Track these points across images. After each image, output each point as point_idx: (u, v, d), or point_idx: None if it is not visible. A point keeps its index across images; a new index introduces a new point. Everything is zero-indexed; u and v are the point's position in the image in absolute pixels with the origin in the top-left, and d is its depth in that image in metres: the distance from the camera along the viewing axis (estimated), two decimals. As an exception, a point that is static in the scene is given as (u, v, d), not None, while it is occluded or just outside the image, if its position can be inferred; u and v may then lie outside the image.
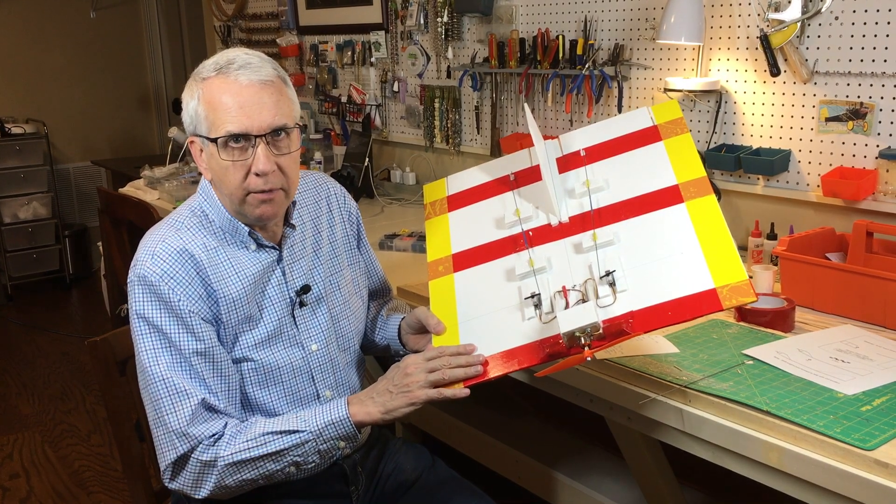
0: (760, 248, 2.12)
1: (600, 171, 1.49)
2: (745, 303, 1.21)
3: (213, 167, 1.37)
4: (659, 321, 1.24)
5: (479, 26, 3.03)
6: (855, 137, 2.03)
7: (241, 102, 1.31)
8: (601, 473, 2.05)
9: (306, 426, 1.33)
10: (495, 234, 1.53)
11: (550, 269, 1.41)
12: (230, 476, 1.33)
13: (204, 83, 1.34)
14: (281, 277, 1.45)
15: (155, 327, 1.32)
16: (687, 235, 1.31)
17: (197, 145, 1.38)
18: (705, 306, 1.22)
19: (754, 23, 2.18)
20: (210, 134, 1.33)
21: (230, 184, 1.35)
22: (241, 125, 1.31)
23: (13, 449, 3.22)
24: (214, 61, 1.35)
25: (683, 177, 1.40)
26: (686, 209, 1.35)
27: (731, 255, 1.26)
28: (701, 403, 1.36)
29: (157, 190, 3.52)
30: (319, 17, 3.90)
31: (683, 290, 1.25)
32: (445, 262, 1.55)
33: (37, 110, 5.36)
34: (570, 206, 1.47)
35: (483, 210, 1.59)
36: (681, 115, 1.51)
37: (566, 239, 1.43)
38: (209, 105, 1.32)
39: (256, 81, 1.32)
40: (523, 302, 1.39)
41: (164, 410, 1.32)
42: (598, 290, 1.31)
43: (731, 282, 1.22)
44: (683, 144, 1.45)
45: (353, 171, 3.32)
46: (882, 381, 1.37)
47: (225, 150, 1.32)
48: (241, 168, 1.33)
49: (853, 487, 1.16)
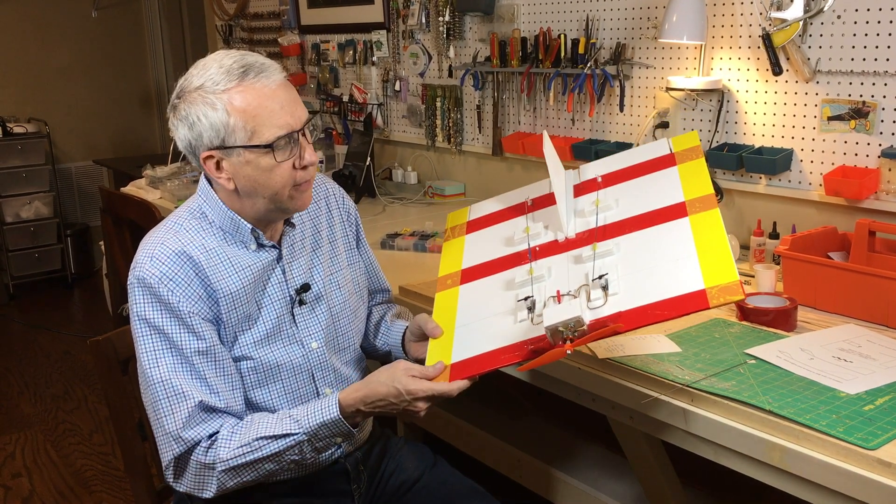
0: (763, 248, 2.12)
1: (612, 193, 1.52)
2: (731, 301, 1.21)
3: (249, 174, 1.34)
4: (646, 319, 1.24)
5: (481, 25, 3.03)
6: (857, 136, 2.03)
7: (280, 104, 1.33)
8: (603, 473, 2.05)
9: (299, 427, 1.33)
10: (504, 251, 1.57)
11: (549, 278, 1.42)
12: (230, 479, 1.34)
13: (228, 94, 1.30)
14: (281, 276, 1.46)
15: (155, 329, 1.33)
16: (685, 244, 1.32)
17: (216, 158, 1.35)
18: (693, 305, 1.22)
19: (756, 22, 2.18)
20: (254, 141, 1.31)
21: (277, 184, 1.35)
22: (288, 125, 1.33)
23: (15, 448, 3.23)
24: (223, 70, 1.31)
25: (691, 195, 1.41)
26: (689, 222, 1.36)
27: (725, 257, 1.25)
28: (703, 403, 1.36)
29: (158, 189, 3.52)
30: (321, 17, 3.90)
31: (674, 292, 1.25)
32: (454, 277, 1.60)
33: (38, 109, 5.36)
34: (578, 224, 1.50)
35: (497, 232, 1.64)
36: (698, 143, 1.52)
37: (568, 252, 1.45)
38: (246, 114, 1.30)
39: (281, 81, 1.34)
40: (517, 305, 1.40)
41: (162, 413, 1.32)
42: (591, 293, 1.32)
43: (722, 282, 1.22)
44: (697, 168, 1.46)
45: (355, 170, 3.32)
46: (885, 380, 1.37)
47: (280, 152, 1.33)
48: (289, 165, 1.35)
49: (856, 487, 1.16)
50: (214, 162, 1.35)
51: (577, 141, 2.71)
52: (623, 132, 2.61)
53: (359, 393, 1.35)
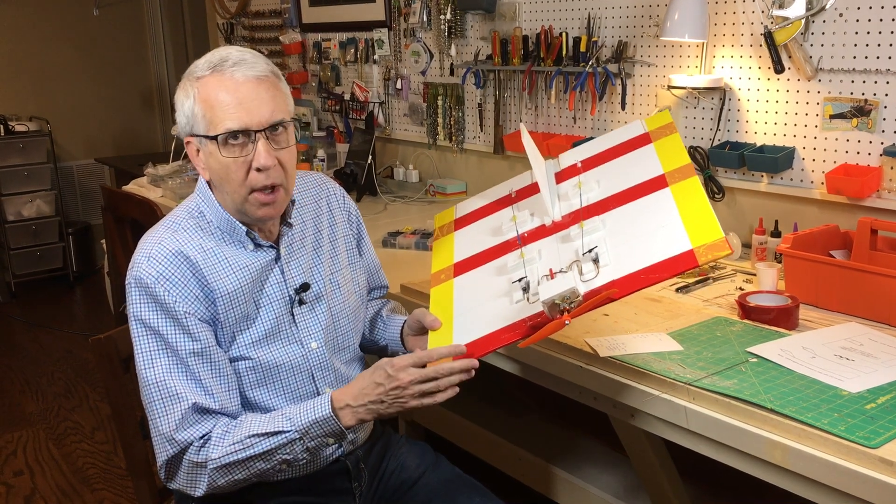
0: (764, 246, 2.12)
1: (593, 175, 1.55)
2: (719, 256, 1.23)
3: (212, 166, 1.37)
4: (640, 283, 1.26)
5: (483, 23, 3.03)
6: (859, 135, 2.03)
7: (239, 99, 1.31)
8: (604, 471, 2.05)
9: (291, 425, 1.32)
10: (493, 241, 1.59)
11: (540, 259, 1.45)
12: (221, 477, 1.34)
13: (199, 82, 1.33)
14: (279, 276, 1.45)
15: (151, 329, 1.33)
16: (669, 211, 1.35)
17: (193, 145, 1.38)
18: (682, 264, 1.25)
19: (758, 20, 2.18)
20: (209, 132, 1.33)
21: (232, 182, 1.35)
22: (240, 121, 1.31)
23: (17, 446, 3.23)
24: (207, 60, 1.35)
25: (669, 167, 1.44)
26: (670, 192, 1.39)
27: (709, 218, 1.28)
28: (704, 401, 1.36)
29: (160, 187, 3.53)
30: (322, 15, 3.90)
31: (663, 255, 1.27)
32: (447, 271, 1.61)
33: (40, 108, 5.36)
34: (563, 207, 1.52)
35: (484, 225, 1.67)
36: (671, 120, 1.56)
37: (557, 234, 1.47)
38: (206, 103, 1.32)
39: (252, 77, 1.32)
40: (511, 287, 1.43)
41: (156, 414, 1.33)
42: (583, 267, 1.34)
43: (708, 241, 1.25)
44: (673, 142, 1.50)
45: (356, 168, 3.32)
46: (886, 378, 1.36)
47: (226, 147, 1.32)
48: (242, 165, 1.33)
49: (857, 485, 1.16)
50: (194, 149, 1.39)
51: (579, 139, 2.71)
52: (625, 130, 2.61)
53: (349, 388, 1.35)
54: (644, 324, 1.68)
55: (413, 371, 1.29)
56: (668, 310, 1.76)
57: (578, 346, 1.58)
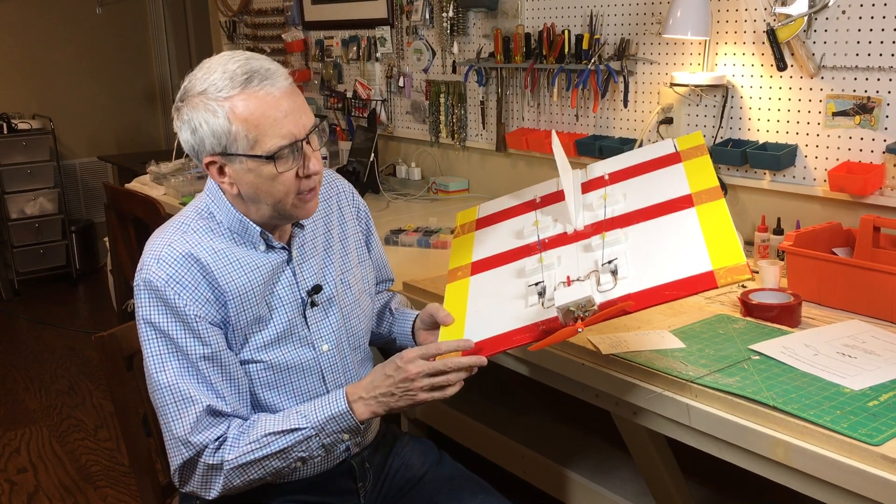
0: (767, 244, 2.12)
1: (620, 188, 1.56)
2: (739, 280, 1.23)
3: (251, 181, 1.33)
4: (656, 299, 1.26)
5: (485, 21, 3.03)
6: (862, 132, 2.03)
7: (284, 113, 1.30)
8: (607, 468, 2.05)
9: (307, 422, 1.33)
10: (514, 244, 1.61)
11: (558, 266, 1.45)
12: (237, 477, 1.33)
13: (230, 101, 1.28)
14: (291, 278, 1.44)
15: (162, 333, 1.32)
16: (693, 231, 1.35)
17: (218, 164, 1.34)
18: (701, 285, 1.25)
19: (761, 17, 2.18)
20: (256, 150, 1.29)
21: (280, 192, 1.33)
22: (290, 136, 1.30)
23: (21, 443, 3.24)
24: (226, 75, 1.29)
25: (697, 187, 1.44)
26: (695, 212, 1.39)
27: (732, 242, 1.29)
28: (707, 399, 1.36)
29: (163, 185, 3.53)
30: (325, 13, 3.90)
31: (682, 273, 1.28)
32: (464, 269, 1.63)
33: (43, 106, 5.37)
34: (587, 217, 1.53)
35: (507, 227, 1.68)
36: (703, 142, 1.56)
37: (578, 242, 1.48)
38: (248, 123, 1.28)
39: (286, 88, 1.31)
40: (528, 290, 1.44)
41: (170, 417, 1.32)
42: (601, 277, 1.35)
43: (729, 264, 1.25)
44: (703, 164, 1.51)
45: (359, 166, 3.32)
46: (889, 376, 1.36)
47: (281, 162, 1.31)
48: (292, 174, 1.33)
49: (860, 483, 1.16)
50: (217, 167, 1.34)
51: (581, 137, 2.71)
52: (627, 128, 2.61)
53: (362, 381, 1.36)
54: (646, 321, 1.68)
55: (421, 363, 1.31)
56: (671, 307, 1.76)
57: (581, 343, 1.58)
